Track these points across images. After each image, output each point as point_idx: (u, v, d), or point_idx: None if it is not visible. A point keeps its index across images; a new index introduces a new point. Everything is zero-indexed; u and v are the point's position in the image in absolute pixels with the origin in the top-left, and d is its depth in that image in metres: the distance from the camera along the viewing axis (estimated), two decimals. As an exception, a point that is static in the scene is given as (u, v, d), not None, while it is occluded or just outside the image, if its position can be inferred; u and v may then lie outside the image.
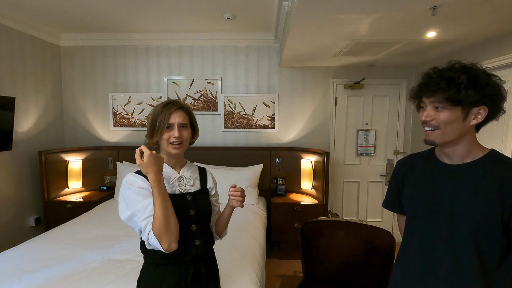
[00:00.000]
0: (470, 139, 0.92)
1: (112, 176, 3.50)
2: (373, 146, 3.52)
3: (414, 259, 1.00)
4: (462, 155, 0.93)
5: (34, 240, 2.14)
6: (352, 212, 3.65)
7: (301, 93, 3.49)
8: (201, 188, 1.22)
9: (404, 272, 1.03)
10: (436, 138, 0.92)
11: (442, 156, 0.99)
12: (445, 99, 0.86)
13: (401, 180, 1.10)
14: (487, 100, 0.86)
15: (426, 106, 0.93)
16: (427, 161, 1.03)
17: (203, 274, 1.17)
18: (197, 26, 3.13)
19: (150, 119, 1.14)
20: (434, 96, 0.89)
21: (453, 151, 0.94)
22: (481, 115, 0.87)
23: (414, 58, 3.03)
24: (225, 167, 3.26)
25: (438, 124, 0.90)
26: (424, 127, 0.94)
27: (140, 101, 3.53)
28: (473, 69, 0.88)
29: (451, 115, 0.87)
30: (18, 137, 2.94)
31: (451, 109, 0.87)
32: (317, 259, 2.06)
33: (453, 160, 0.95)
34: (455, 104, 0.86)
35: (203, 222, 1.19)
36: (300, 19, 1.88)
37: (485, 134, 2.39)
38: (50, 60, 3.37)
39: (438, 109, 0.89)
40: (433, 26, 2.01)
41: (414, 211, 1.01)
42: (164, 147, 1.14)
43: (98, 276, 1.65)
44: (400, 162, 1.14)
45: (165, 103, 1.14)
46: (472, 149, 0.93)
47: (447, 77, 0.87)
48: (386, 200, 1.18)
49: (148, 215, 1.00)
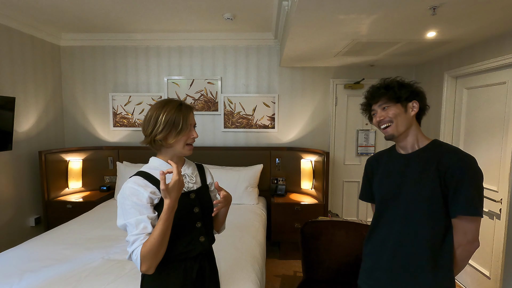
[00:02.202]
0: (415, 129, 1.18)
1: (112, 176, 3.50)
2: (373, 146, 3.52)
3: (381, 233, 1.21)
4: (412, 144, 1.18)
5: (34, 240, 2.14)
6: (352, 212, 3.65)
7: (301, 93, 3.49)
8: (202, 185, 1.23)
9: (374, 244, 1.24)
10: (393, 131, 1.16)
11: (399, 148, 1.24)
12: (388, 99, 1.16)
13: (371, 173, 1.34)
14: (415, 95, 1.16)
15: (376, 111, 1.20)
16: (389, 155, 1.28)
17: (207, 271, 1.18)
18: (197, 26, 3.13)
19: (163, 120, 1.08)
20: (380, 100, 1.18)
21: (406, 142, 1.19)
22: (415, 107, 1.16)
23: (414, 58, 3.03)
24: (225, 167, 3.26)
25: (390, 118, 1.16)
26: (381, 126, 1.19)
27: (140, 101, 3.53)
28: (399, 79, 1.20)
29: (396, 109, 1.15)
30: (18, 137, 2.94)
31: (394, 105, 1.16)
32: (317, 259, 2.06)
33: (407, 150, 1.20)
34: (395, 101, 1.15)
35: (207, 218, 1.20)
36: (300, 19, 1.88)
37: (485, 134, 2.39)
38: (50, 60, 3.37)
39: (385, 109, 1.17)
40: (433, 26, 2.01)
41: (381, 196, 1.23)
42: (179, 149, 1.12)
43: (98, 276, 1.65)
44: (369, 159, 1.39)
45: (177, 104, 1.11)
46: (419, 138, 1.18)
47: (384, 85, 1.19)
48: (362, 193, 1.41)
49: (139, 232, 0.99)
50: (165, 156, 1.16)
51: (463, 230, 1.06)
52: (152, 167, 1.14)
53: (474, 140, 2.52)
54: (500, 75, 2.26)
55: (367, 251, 1.28)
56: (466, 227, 1.05)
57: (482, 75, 2.43)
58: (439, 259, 1.08)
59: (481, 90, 2.45)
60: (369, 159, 1.39)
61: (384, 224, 1.21)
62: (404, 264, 1.13)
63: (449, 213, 1.08)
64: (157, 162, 1.15)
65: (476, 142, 2.50)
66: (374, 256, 1.23)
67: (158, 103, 1.13)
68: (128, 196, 1.03)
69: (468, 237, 1.05)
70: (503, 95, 2.22)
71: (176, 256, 1.10)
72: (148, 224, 1.00)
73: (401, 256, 1.13)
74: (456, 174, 1.04)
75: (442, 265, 1.08)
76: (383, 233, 1.21)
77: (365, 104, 1.27)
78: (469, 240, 1.05)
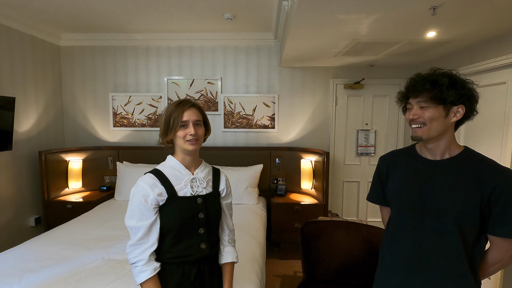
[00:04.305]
0: (450, 136, 1.04)
1: (112, 176, 3.50)
2: (373, 146, 3.52)
3: (404, 245, 1.10)
4: (442, 151, 1.05)
5: (34, 240, 2.14)
6: (352, 212, 3.65)
7: (301, 93, 3.49)
8: (213, 191, 1.21)
9: (394, 257, 1.13)
10: (423, 134, 1.02)
11: (424, 151, 1.10)
12: (430, 98, 0.99)
13: (385, 175, 1.20)
14: (465, 99, 0.99)
15: (413, 107, 1.04)
16: (410, 158, 1.14)
17: (206, 274, 1.17)
18: (197, 26, 3.13)
19: (163, 118, 1.14)
20: (420, 96, 1.01)
21: (436, 146, 1.05)
22: (459, 113, 1.00)
23: (414, 58, 3.03)
24: (225, 167, 3.26)
25: (424, 121, 1.01)
26: (411, 124, 1.05)
27: (140, 101, 3.53)
28: (452, 74, 1.01)
29: (435, 112, 0.99)
30: (18, 137, 2.94)
31: (435, 107, 0.99)
32: (317, 259, 2.06)
33: (435, 155, 1.07)
34: (438, 103, 0.98)
35: (211, 225, 1.19)
36: (300, 19, 1.88)
37: (485, 134, 2.39)
38: (50, 60, 3.37)
39: (423, 108, 1.01)
40: (433, 26, 2.01)
41: (401, 205, 1.11)
42: (181, 145, 1.14)
43: (98, 276, 1.65)
44: (384, 158, 1.24)
45: (177, 102, 1.14)
46: (451, 145, 1.05)
47: (431, 79, 1.00)
48: (371, 194, 1.28)
49: (135, 243, 1.07)
50: (178, 155, 1.18)
51: (505, 248, 1.01)
52: (167, 165, 1.17)
53: (474, 140, 2.52)
54: (500, 75, 2.26)
55: (388, 261, 1.17)
56: (509, 246, 1.01)
57: (482, 75, 2.43)
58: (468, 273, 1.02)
59: (481, 90, 2.45)
60: (384, 158, 1.24)
61: (404, 235, 1.10)
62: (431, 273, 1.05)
63: (482, 225, 1.01)
64: (172, 162, 1.18)
65: (476, 142, 2.50)
66: (398, 268, 1.12)
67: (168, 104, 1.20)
68: (136, 193, 1.09)
69: (510, 253, 1.02)
70: (503, 95, 2.22)
71: (174, 258, 1.11)
72: (146, 234, 1.07)
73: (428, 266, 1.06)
74: (504, 194, 0.96)
75: (473, 275, 1.03)
76: (404, 246, 1.10)
77: (402, 95, 1.09)
78: (510, 256, 1.03)
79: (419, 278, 1.07)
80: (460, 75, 1.02)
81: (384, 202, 1.24)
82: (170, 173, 1.15)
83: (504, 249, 1.02)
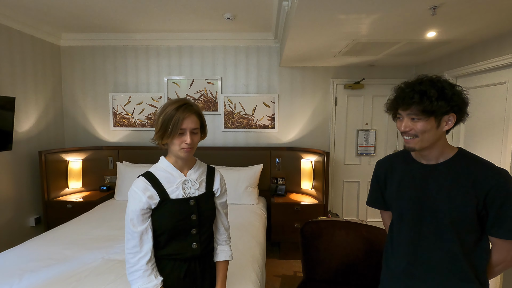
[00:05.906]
0: (442, 142, 1.04)
1: (112, 176, 3.50)
2: (373, 146, 3.52)
3: (406, 250, 1.11)
4: (437, 156, 1.06)
5: (34, 240, 2.14)
6: (352, 212, 3.65)
7: (301, 93, 3.49)
8: (206, 191, 1.21)
9: (397, 261, 1.14)
10: (415, 145, 1.02)
11: (419, 157, 1.10)
12: (421, 112, 0.97)
13: (383, 179, 1.21)
14: (455, 108, 0.98)
15: (403, 118, 1.03)
16: (406, 163, 1.14)
17: (197, 272, 1.18)
18: (197, 26, 3.13)
19: (160, 120, 1.09)
20: (410, 109, 1.00)
21: (430, 153, 1.06)
22: (451, 121, 1.00)
23: (414, 58, 3.03)
24: (225, 167, 3.26)
25: (416, 133, 1.00)
26: (404, 136, 1.04)
27: (140, 101, 3.53)
28: (439, 82, 0.99)
29: (427, 124, 0.98)
30: (18, 137, 2.94)
31: (426, 119, 0.98)
32: (317, 259, 2.06)
33: (429, 160, 1.07)
34: (429, 115, 0.97)
35: (204, 226, 1.19)
36: (300, 19, 1.88)
37: (485, 134, 2.39)
38: (50, 60, 3.37)
39: (414, 120, 1.00)
40: (433, 26, 2.01)
41: (400, 210, 1.12)
42: (175, 151, 1.12)
43: (98, 276, 1.65)
44: (381, 162, 1.24)
45: (177, 105, 1.09)
46: (444, 149, 1.05)
47: (419, 91, 0.97)
48: (370, 199, 1.29)
49: (129, 251, 1.09)
50: (171, 157, 1.17)
51: (506, 249, 1.01)
52: (159, 167, 1.16)
53: (474, 140, 2.52)
54: (500, 75, 2.26)
55: (392, 266, 1.17)
56: (510, 246, 1.01)
57: (482, 75, 2.43)
58: (470, 275, 1.02)
59: (481, 90, 2.45)
60: (381, 163, 1.24)
61: (405, 239, 1.11)
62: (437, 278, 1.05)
63: (482, 226, 1.02)
64: (164, 164, 1.17)
65: (476, 142, 2.50)
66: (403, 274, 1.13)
67: (166, 102, 1.15)
68: (130, 198, 1.11)
69: (511, 253, 1.02)
70: (503, 95, 2.22)
71: (166, 256, 1.13)
72: (138, 242, 1.08)
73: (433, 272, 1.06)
74: (500, 196, 0.95)
75: (476, 277, 1.03)
76: (406, 250, 1.11)
77: (390, 106, 1.09)
78: None
79: (422, 282, 1.08)
80: (448, 79, 1.02)
81: (385, 207, 1.25)
82: (162, 176, 1.14)
83: (505, 250, 1.02)
